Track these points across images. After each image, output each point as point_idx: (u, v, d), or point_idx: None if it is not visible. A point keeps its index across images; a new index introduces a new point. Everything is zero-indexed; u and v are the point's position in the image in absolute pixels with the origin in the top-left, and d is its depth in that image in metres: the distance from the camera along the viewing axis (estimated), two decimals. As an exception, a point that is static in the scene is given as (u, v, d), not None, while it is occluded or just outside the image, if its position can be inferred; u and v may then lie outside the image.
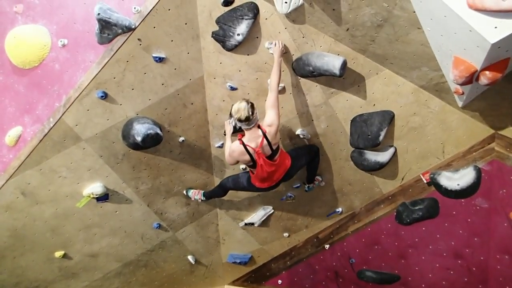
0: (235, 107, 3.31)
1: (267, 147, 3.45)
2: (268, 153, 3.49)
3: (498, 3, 2.17)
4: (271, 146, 3.46)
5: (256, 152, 3.43)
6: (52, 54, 3.49)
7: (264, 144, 3.42)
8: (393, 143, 4.11)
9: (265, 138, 3.40)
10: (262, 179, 3.68)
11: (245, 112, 3.25)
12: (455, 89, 3.31)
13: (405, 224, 4.42)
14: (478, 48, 2.44)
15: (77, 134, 3.70)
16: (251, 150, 3.44)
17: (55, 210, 4.05)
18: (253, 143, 3.43)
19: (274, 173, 3.65)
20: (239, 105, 3.29)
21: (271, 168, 3.58)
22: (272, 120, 3.39)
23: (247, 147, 3.43)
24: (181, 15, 3.47)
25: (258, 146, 3.42)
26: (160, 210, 4.53)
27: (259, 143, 3.41)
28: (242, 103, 3.29)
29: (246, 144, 3.44)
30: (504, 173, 3.88)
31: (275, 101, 3.38)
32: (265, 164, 3.51)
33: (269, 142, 3.42)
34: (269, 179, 3.70)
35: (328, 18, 3.26)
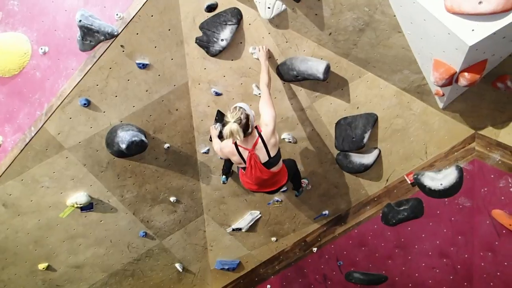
0: (226, 131, 3.00)
1: (262, 150, 3.17)
2: (264, 159, 3.20)
3: (475, 7, 2.24)
4: (268, 150, 3.17)
5: (249, 152, 3.16)
6: (32, 62, 3.43)
7: (259, 145, 3.16)
8: (377, 145, 4.17)
9: (260, 138, 3.14)
10: (249, 180, 3.40)
11: (239, 133, 2.98)
12: (436, 91, 3.39)
13: (391, 225, 4.47)
14: (457, 50, 2.51)
15: (60, 143, 3.63)
16: (243, 151, 3.20)
17: (37, 221, 3.95)
18: (247, 144, 3.18)
19: (263, 182, 3.36)
20: (230, 128, 2.98)
21: (262, 175, 3.27)
22: (269, 119, 3.15)
23: (240, 147, 3.19)
24: (164, 21, 3.46)
25: (252, 147, 3.16)
26: (146, 218, 4.47)
27: (253, 144, 3.16)
28: (232, 125, 2.98)
29: (239, 145, 3.19)
30: (485, 172, 3.97)
31: (268, 100, 3.19)
32: (256, 167, 3.21)
33: (265, 143, 3.15)
34: (256, 184, 3.42)
35: (311, 23, 3.31)
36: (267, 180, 3.35)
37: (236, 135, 2.98)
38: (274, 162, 3.27)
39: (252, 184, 3.44)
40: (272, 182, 3.42)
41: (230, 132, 2.99)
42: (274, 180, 3.41)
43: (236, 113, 3.02)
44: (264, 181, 3.34)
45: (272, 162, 3.24)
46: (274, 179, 3.40)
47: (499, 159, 3.80)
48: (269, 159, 3.20)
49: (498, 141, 3.77)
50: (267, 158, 3.19)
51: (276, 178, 3.41)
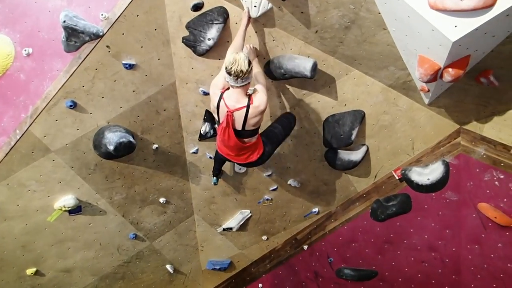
0: (230, 57, 2.77)
1: (240, 119, 3.00)
2: (238, 127, 3.05)
3: (457, 3, 2.27)
4: (245, 123, 3.01)
5: (227, 112, 2.96)
6: (16, 64, 3.37)
7: (240, 113, 2.96)
8: (365, 141, 4.21)
9: (246, 108, 2.95)
10: (223, 143, 3.26)
11: (243, 64, 2.74)
12: (421, 87, 3.43)
13: (380, 220, 4.52)
14: (441, 46, 2.55)
15: (46, 146, 3.59)
16: (222, 106, 2.99)
17: (25, 225, 3.89)
18: (231, 102, 2.96)
19: (233, 150, 3.24)
20: (237, 55, 2.76)
21: (231, 142, 3.14)
22: (262, 101, 3.01)
23: (223, 100, 2.97)
24: (150, 21, 3.44)
25: (233, 108, 2.97)
26: (136, 220, 4.44)
27: (236, 107, 2.96)
28: (239, 54, 2.79)
29: (224, 98, 2.97)
30: (471, 166, 4.04)
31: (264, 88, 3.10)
32: (227, 131, 3.05)
33: (246, 116, 2.97)
34: (226, 151, 3.30)
35: (297, 21, 3.32)
36: (233, 148, 3.23)
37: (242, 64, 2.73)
38: (245, 135, 3.14)
39: (223, 147, 3.31)
40: (239, 154, 3.29)
41: (234, 59, 2.74)
42: (241, 153, 3.28)
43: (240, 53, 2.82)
44: (230, 148, 3.23)
45: (243, 134, 3.11)
46: (242, 151, 3.26)
47: (484, 153, 3.87)
48: (241, 130, 3.07)
49: (482, 136, 3.83)
50: (240, 128, 3.06)
51: (243, 152, 3.27)
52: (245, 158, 3.34)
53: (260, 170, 4.48)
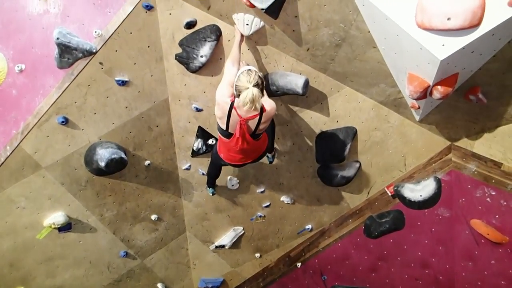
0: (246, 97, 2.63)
1: (253, 125, 2.92)
2: (250, 131, 2.96)
3: (444, 23, 2.33)
4: (257, 128, 2.94)
5: (240, 121, 2.84)
6: (8, 80, 3.37)
7: (254, 120, 2.87)
8: (358, 157, 4.22)
9: (259, 116, 2.85)
10: (230, 152, 3.18)
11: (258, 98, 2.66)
12: (412, 103, 3.47)
13: (374, 237, 4.50)
14: (429, 64, 2.59)
15: (37, 162, 3.55)
16: (234, 115, 2.85)
17: (13, 243, 3.82)
18: (243, 111, 2.81)
19: (247, 153, 3.18)
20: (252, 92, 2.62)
21: (247, 146, 3.04)
22: (273, 108, 2.94)
23: (234, 109, 2.83)
24: (143, 37, 3.47)
25: (246, 117, 2.85)
26: (127, 237, 4.38)
27: (249, 116, 2.84)
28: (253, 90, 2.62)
29: (235, 106, 2.83)
30: (462, 182, 4.06)
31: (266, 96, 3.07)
32: (243, 139, 2.95)
33: (259, 122, 2.89)
34: (241, 155, 3.19)
35: (289, 39, 3.37)
36: (249, 151, 3.16)
37: (257, 102, 2.64)
38: (257, 137, 3.09)
39: (233, 156, 3.22)
40: (252, 154, 3.26)
41: (251, 99, 2.60)
42: (255, 153, 3.26)
43: (253, 77, 2.67)
44: (247, 152, 3.16)
45: (255, 136, 3.06)
46: (255, 150, 3.24)
47: (475, 169, 3.89)
48: (254, 132, 3.00)
49: (473, 152, 3.86)
50: (251, 132, 2.99)
51: (256, 150, 3.24)
52: (256, 155, 3.29)
53: (253, 186, 4.47)
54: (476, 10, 2.25)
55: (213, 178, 4.15)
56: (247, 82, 2.67)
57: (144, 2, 3.30)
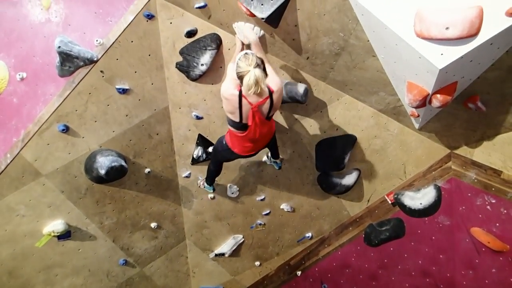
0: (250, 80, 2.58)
1: (266, 109, 2.86)
2: (265, 114, 2.92)
3: (442, 32, 2.34)
4: (270, 111, 2.89)
5: (252, 108, 2.79)
6: (9, 88, 3.39)
7: (265, 106, 2.82)
8: (358, 165, 4.23)
9: (270, 99, 2.80)
10: (249, 142, 3.10)
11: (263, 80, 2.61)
12: (411, 112, 3.48)
13: (374, 245, 4.48)
14: (428, 73, 2.61)
15: (37, 170, 3.56)
16: (245, 104, 2.79)
17: (12, 251, 3.81)
18: (253, 98, 2.77)
19: (264, 136, 3.12)
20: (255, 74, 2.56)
21: (265, 129, 3.02)
22: (280, 83, 2.87)
23: (244, 98, 2.76)
24: (144, 46, 3.49)
25: (257, 103, 2.78)
26: (126, 245, 4.37)
27: (260, 100, 2.78)
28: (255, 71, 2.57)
29: (244, 95, 2.75)
30: (463, 190, 4.06)
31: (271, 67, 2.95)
32: (261, 123, 2.91)
33: (272, 105, 2.83)
34: (256, 143, 3.15)
35: (289, 47, 3.39)
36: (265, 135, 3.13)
37: (261, 83, 2.59)
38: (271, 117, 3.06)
39: (251, 145, 3.16)
40: (266, 138, 3.21)
41: (255, 80, 2.56)
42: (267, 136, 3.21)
43: (251, 59, 2.62)
44: (264, 136, 3.12)
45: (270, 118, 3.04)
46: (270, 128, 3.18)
47: (475, 177, 3.89)
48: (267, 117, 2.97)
49: (473, 160, 3.87)
50: (267, 117, 2.96)
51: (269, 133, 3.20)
52: (268, 138, 3.25)
53: (252, 194, 4.47)
54: (474, 20, 2.27)
55: (214, 176, 4.06)
56: (247, 65, 2.61)
57: (145, 11, 3.33)
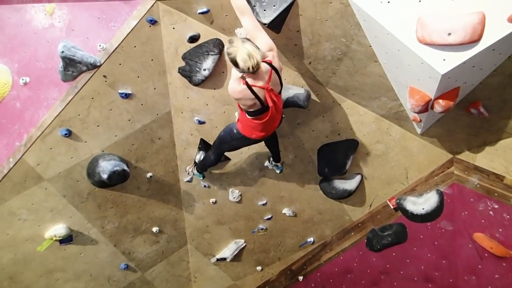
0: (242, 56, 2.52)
1: (276, 81, 2.79)
2: (278, 89, 2.85)
3: (444, 38, 2.35)
4: (280, 78, 2.82)
5: (266, 89, 2.73)
6: (13, 93, 3.40)
7: (274, 77, 2.76)
8: (360, 170, 4.22)
9: (273, 70, 2.73)
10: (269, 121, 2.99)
11: (258, 57, 2.54)
12: (413, 117, 3.49)
13: (376, 250, 4.47)
14: (430, 78, 2.61)
15: (39, 174, 3.56)
16: (258, 90, 2.73)
17: (14, 255, 3.80)
18: (260, 82, 2.72)
19: (279, 111, 3.03)
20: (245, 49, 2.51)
21: (279, 103, 2.95)
22: (269, 41, 2.75)
23: (253, 87, 2.71)
24: (147, 51, 3.51)
25: (266, 83, 2.72)
26: (128, 250, 4.36)
27: (267, 79, 2.72)
28: (246, 45, 2.53)
29: (251, 84, 2.71)
30: (465, 196, 4.05)
31: (256, 21, 2.81)
32: (277, 99, 2.84)
33: (277, 72, 2.78)
34: (274, 120, 3.04)
35: (291, 52, 3.40)
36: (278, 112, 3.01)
37: (256, 54, 2.52)
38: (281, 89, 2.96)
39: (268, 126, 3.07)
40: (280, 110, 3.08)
41: (248, 53, 2.49)
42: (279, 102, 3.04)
43: (235, 40, 2.57)
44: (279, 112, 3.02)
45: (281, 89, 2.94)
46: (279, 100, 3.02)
47: (478, 182, 3.88)
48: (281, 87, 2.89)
49: (475, 165, 3.86)
50: (279, 88, 2.86)
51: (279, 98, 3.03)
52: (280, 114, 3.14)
53: (254, 198, 4.46)
54: (476, 26, 2.27)
55: (210, 165, 3.94)
56: (235, 47, 2.55)
57: (148, 17, 3.34)
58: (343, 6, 2.76)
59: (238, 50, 2.54)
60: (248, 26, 2.75)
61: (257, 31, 2.76)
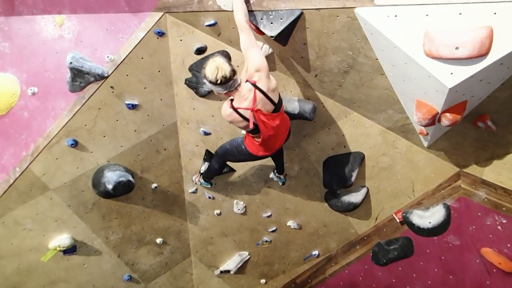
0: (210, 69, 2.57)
1: (264, 100, 2.72)
2: (270, 108, 2.78)
3: (452, 52, 2.35)
4: (270, 98, 2.74)
5: (252, 110, 2.70)
6: (21, 102, 3.43)
7: (259, 97, 2.69)
8: (365, 183, 4.19)
9: (257, 90, 2.67)
10: (268, 140, 2.98)
11: (226, 67, 2.56)
12: (420, 130, 3.47)
13: (382, 264, 4.41)
14: (438, 92, 2.60)
15: (45, 184, 3.57)
16: (244, 112, 2.72)
17: (17, 265, 3.79)
18: (244, 103, 2.70)
19: (279, 129, 2.95)
20: (214, 62, 2.57)
21: (276, 122, 2.86)
22: (258, 62, 2.68)
23: (239, 110, 2.71)
24: (154, 63, 3.53)
25: (252, 103, 2.69)
26: (131, 261, 4.33)
27: (251, 100, 2.69)
28: (216, 58, 2.60)
29: (236, 107, 2.71)
30: (472, 210, 4.00)
31: (252, 40, 2.73)
32: (267, 118, 2.78)
33: (264, 93, 2.70)
34: (275, 139, 3.02)
35: (297, 65, 3.41)
36: (282, 126, 2.97)
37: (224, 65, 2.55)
38: (280, 107, 2.90)
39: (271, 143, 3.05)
40: (285, 126, 3.07)
41: (216, 67, 2.54)
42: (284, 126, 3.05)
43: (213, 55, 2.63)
44: (279, 129, 2.96)
45: (278, 108, 2.87)
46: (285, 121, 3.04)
47: (485, 196, 3.84)
48: (275, 107, 2.82)
49: (482, 179, 3.82)
50: (273, 107, 2.80)
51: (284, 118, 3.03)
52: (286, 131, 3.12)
53: (259, 210, 4.44)
54: (484, 40, 2.27)
55: (216, 174, 3.95)
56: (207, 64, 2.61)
57: (156, 29, 3.38)
58: (350, 20, 2.78)
59: (208, 63, 2.60)
60: (242, 43, 2.73)
61: (249, 49, 2.71)
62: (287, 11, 2.92)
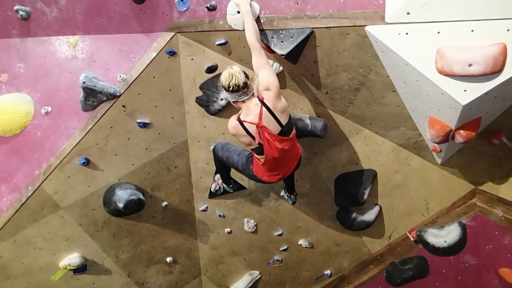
0: (224, 75, 2.67)
1: (269, 118, 2.70)
2: (276, 129, 2.74)
3: (465, 69, 2.33)
4: (277, 118, 2.73)
5: (257, 126, 2.69)
6: (34, 122, 3.47)
7: (265, 114, 2.69)
8: (378, 201, 4.13)
9: (264, 106, 2.68)
10: (272, 164, 2.92)
11: (240, 77, 2.63)
12: (433, 147, 3.42)
13: (396, 285, 4.29)
14: (451, 109, 2.57)
15: (56, 202, 3.58)
16: (249, 126, 2.72)
17: (28, 284, 3.77)
18: (250, 116, 2.72)
19: (286, 154, 2.88)
20: (230, 70, 2.66)
21: (283, 145, 2.80)
22: (268, 80, 2.70)
23: (244, 123, 2.72)
24: (165, 81, 3.57)
25: (258, 119, 2.69)
26: (141, 280, 4.29)
27: (257, 114, 2.69)
28: (234, 66, 2.70)
29: (242, 120, 2.73)
30: (489, 228, 3.90)
31: (263, 59, 2.75)
32: (273, 138, 2.73)
33: (271, 111, 2.69)
34: (281, 163, 2.95)
35: (308, 83, 3.42)
36: (289, 152, 2.91)
37: (238, 74, 2.63)
38: (289, 131, 2.84)
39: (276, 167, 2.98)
40: (294, 154, 3.00)
41: (230, 74, 2.63)
42: (294, 152, 3.00)
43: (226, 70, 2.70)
44: (286, 154, 2.89)
45: (286, 131, 2.81)
46: (294, 148, 2.98)
47: (502, 215, 3.74)
48: (282, 128, 2.77)
49: (499, 197, 3.73)
50: (279, 128, 2.76)
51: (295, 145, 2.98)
52: (294, 159, 3.05)
53: (270, 229, 4.38)
54: (497, 57, 2.25)
55: (227, 172, 3.82)
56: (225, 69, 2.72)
57: (168, 48, 3.42)
58: (361, 38, 2.78)
59: (226, 69, 2.72)
60: (254, 62, 2.77)
61: (260, 68, 2.75)
62: (298, 29, 2.94)
